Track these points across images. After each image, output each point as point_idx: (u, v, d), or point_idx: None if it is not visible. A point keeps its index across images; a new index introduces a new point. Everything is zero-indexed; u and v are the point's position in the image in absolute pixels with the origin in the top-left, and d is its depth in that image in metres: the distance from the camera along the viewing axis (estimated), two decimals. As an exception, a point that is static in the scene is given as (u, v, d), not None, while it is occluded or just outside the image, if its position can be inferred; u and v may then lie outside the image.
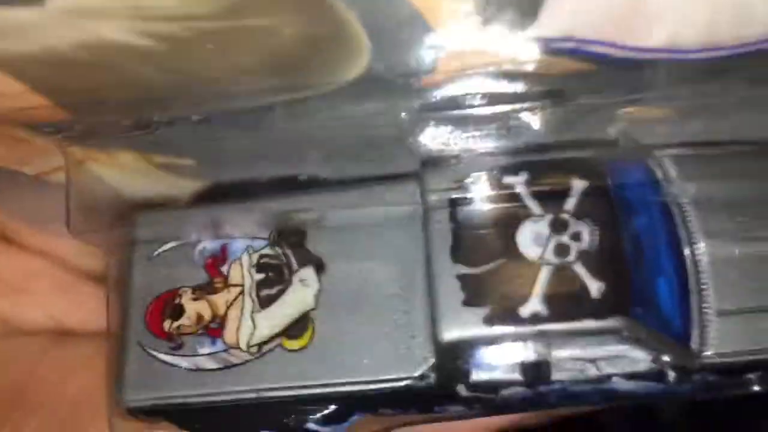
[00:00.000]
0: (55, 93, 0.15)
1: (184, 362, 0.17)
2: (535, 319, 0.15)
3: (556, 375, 0.16)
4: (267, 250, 0.18)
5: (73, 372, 0.22)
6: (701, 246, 0.16)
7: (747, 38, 0.14)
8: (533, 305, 0.15)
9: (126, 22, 0.13)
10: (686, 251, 0.16)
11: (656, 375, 0.16)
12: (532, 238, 0.16)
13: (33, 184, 0.20)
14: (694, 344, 0.16)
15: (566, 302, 0.15)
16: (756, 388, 0.17)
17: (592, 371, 0.16)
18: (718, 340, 0.16)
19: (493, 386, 0.16)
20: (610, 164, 0.17)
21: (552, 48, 0.14)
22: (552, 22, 0.13)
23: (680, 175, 0.17)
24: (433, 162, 0.17)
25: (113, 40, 0.13)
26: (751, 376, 0.16)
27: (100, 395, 0.21)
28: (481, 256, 0.16)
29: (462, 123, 0.16)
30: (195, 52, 0.14)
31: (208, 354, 0.17)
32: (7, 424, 0.21)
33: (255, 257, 0.18)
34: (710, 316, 0.16)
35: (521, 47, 0.14)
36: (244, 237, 0.18)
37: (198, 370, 0.17)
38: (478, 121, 0.16)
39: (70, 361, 0.22)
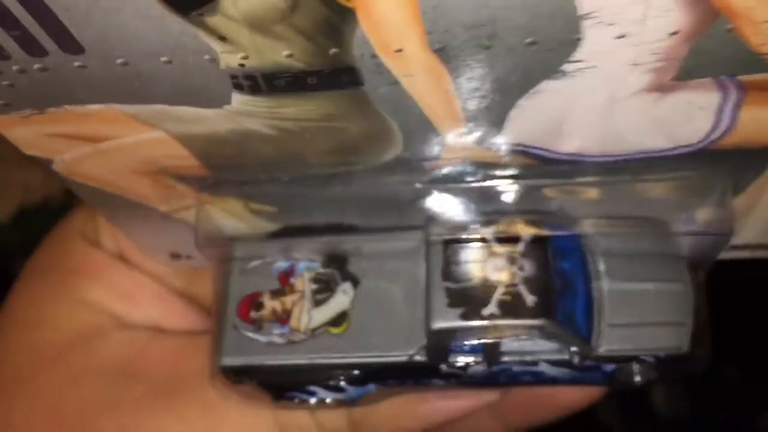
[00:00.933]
0: (206, 158, 0.24)
1: (262, 338, 0.26)
2: (492, 317, 0.24)
3: (504, 359, 0.25)
4: (320, 270, 0.27)
5: (170, 357, 0.30)
6: (603, 282, 0.25)
7: (623, 151, 0.23)
8: (491, 308, 0.24)
9: (264, 119, 0.22)
10: (594, 285, 0.25)
11: (567, 362, 0.25)
12: (493, 267, 0.25)
13: (161, 219, 0.29)
14: (593, 343, 0.25)
15: (511, 308, 0.24)
16: (638, 379, 0.26)
17: (527, 357, 0.25)
18: (607, 342, 0.25)
19: (463, 366, 0.25)
20: (549, 224, 0.26)
21: (508, 149, 0.23)
22: (508, 135, 0.23)
23: (594, 234, 0.26)
24: (434, 216, 0.26)
25: (252, 129, 0.23)
26: (634, 366, 0.25)
27: (191, 373, 0.30)
28: (460, 276, 0.25)
29: (456, 192, 0.25)
30: (297, 138, 0.23)
31: (279, 334, 0.26)
32: (121, 390, 0.30)
33: (312, 274, 0.27)
34: (604, 326, 0.25)
35: (489, 147, 0.23)
36: (306, 260, 0.27)
37: (272, 344, 0.26)
38: (467, 191, 0.25)
39: (167, 349, 0.30)
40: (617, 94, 0.20)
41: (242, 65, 0.20)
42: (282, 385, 0.26)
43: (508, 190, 0.25)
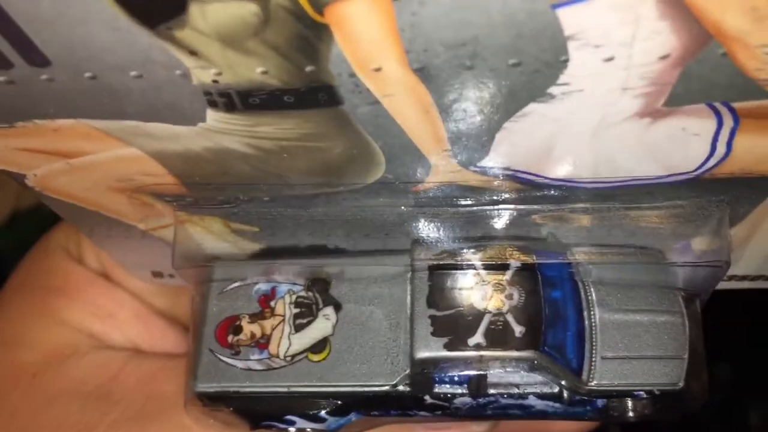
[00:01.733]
0: (182, 176, 0.24)
1: (239, 364, 0.25)
2: (478, 347, 0.23)
3: (491, 391, 0.24)
4: (302, 293, 0.26)
5: (146, 379, 0.29)
6: (595, 312, 0.24)
7: (615, 178, 0.22)
8: (477, 338, 0.23)
9: (241, 138, 0.21)
10: (585, 315, 0.24)
11: (557, 396, 0.24)
12: (480, 295, 0.24)
13: (141, 237, 0.28)
14: (584, 376, 0.24)
15: (498, 338, 0.23)
16: (631, 414, 0.24)
17: (514, 390, 0.24)
18: (599, 375, 0.24)
19: (448, 397, 0.24)
20: (539, 251, 0.25)
21: (496, 174, 0.23)
22: (495, 159, 0.22)
23: (586, 262, 0.25)
24: (420, 240, 0.25)
25: (229, 147, 0.22)
26: (627, 402, 0.24)
27: (167, 397, 0.29)
28: (446, 303, 0.24)
29: (443, 216, 0.24)
30: (276, 158, 0.22)
31: (257, 360, 0.25)
32: (96, 413, 0.29)
33: (294, 297, 0.26)
34: (596, 359, 0.24)
35: (477, 171, 0.22)
36: (287, 282, 0.26)
37: (249, 370, 0.25)
38: (454, 216, 0.24)
39: (144, 372, 0.30)
40: (607, 119, 0.19)
41: (216, 81, 0.19)
42: (259, 414, 0.25)
43: (497, 216, 0.24)
